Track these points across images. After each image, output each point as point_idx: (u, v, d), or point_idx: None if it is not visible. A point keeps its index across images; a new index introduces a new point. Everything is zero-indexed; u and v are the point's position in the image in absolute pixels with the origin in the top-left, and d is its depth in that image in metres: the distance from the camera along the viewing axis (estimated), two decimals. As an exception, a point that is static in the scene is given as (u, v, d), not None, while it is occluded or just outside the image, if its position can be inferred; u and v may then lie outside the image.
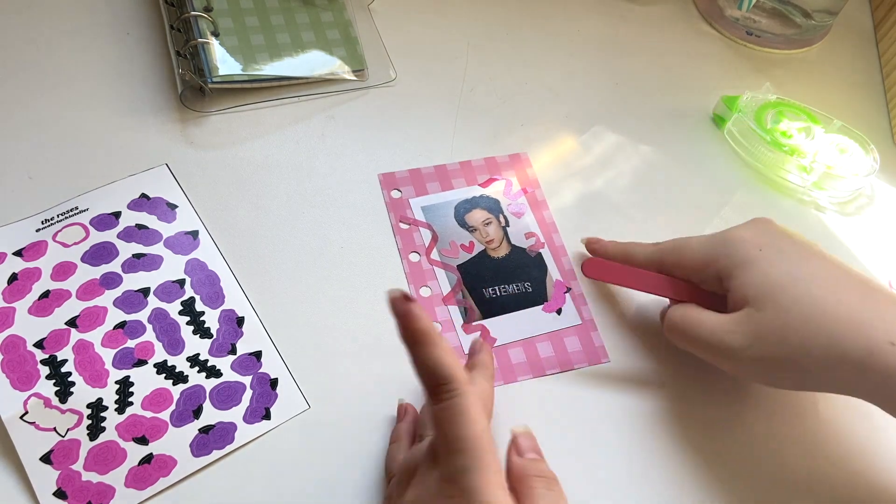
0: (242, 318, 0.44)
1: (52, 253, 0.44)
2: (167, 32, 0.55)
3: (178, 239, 0.46)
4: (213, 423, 0.41)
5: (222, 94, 0.54)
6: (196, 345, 0.43)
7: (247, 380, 0.42)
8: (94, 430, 0.39)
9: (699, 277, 0.43)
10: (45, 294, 0.42)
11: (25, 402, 0.39)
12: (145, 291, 0.43)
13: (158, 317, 0.43)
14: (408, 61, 0.59)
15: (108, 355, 0.41)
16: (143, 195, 0.47)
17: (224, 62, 0.53)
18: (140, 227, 0.45)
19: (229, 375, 0.42)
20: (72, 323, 0.41)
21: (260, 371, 0.43)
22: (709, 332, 0.40)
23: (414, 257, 0.49)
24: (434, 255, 0.49)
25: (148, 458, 0.39)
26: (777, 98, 0.60)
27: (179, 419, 0.40)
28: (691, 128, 0.61)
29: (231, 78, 0.53)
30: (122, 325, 0.42)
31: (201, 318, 0.43)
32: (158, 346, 0.42)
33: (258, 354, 0.43)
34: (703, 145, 0.59)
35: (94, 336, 0.41)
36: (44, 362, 0.40)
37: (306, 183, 0.52)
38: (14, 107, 0.51)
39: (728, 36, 0.68)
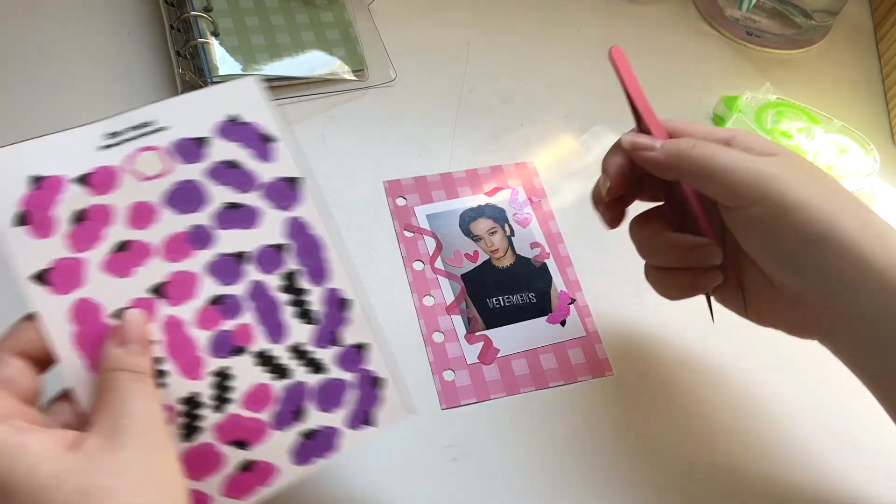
0: (346, 300, 0.36)
1: (127, 186, 0.33)
2: (167, 32, 0.55)
3: (276, 188, 0.36)
4: (316, 427, 0.35)
5: (222, 94, 0.54)
6: (299, 331, 0.35)
7: (351, 378, 0.36)
8: (189, 429, 0.33)
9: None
10: (122, 246, 0.33)
11: None
12: (241, 257, 0.35)
13: (257, 292, 0.35)
14: (408, 61, 0.59)
15: (203, 339, 0.34)
16: (233, 118, 0.36)
17: (224, 62, 0.53)
18: (231, 164, 0.35)
19: (333, 371, 0.36)
20: (158, 291, 0.33)
21: (363, 368, 0.36)
22: (737, 155, 0.36)
23: (418, 266, 0.49)
24: (438, 263, 0.49)
25: (248, 465, 0.34)
26: (777, 98, 0.60)
27: (281, 421, 0.35)
28: (691, 128, 0.61)
29: (231, 78, 0.53)
30: (217, 299, 0.34)
31: (304, 298, 0.36)
32: (259, 330, 0.35)
33: (362, 347, 0.36)
34: (703, 145, 0.59)
35: (187, 312, 0.33)
36: None
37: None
38: (13, 107, 0.51)
39: (728, 36, 0.68)
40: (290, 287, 0.35)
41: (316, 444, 0.35)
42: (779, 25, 0.67)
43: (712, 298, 0.41)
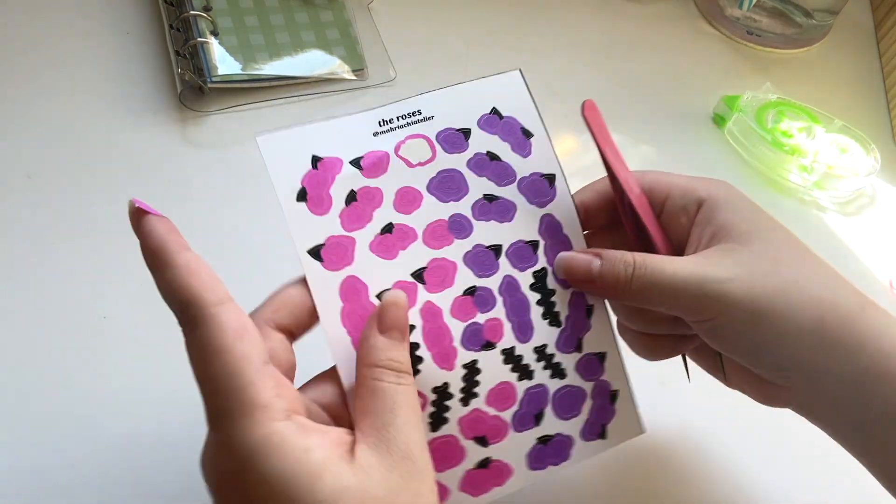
0: (591, 306, 0.36)
1: (395, 171, 0.34)
2: (166, 32, 0.55)
3: (533, 183, 0.36)
4: (552, 433, 0.35)
5: (222, 93, 0.54)
6: (544, 333, 0.35)
7: (588, 387, 0.36)
8: (437, 419, 0.33)
9: (668, 203, 0.37)
10: (388, 228, 0.34)
11: None
12: (497, 251, 0.35)
13: (510, 288, 0.35)
14: (408, 61, 0.59)
15: (457, 329, 0.34)
16: (495, 111, 0.37)
17: (223, 62, 0.53)
18: (492, 156, 0.36)
19: (573, 378, 0.36)
20: (419, 276, 0.34)
21: (601, 378, 0.36)
22: (682, 270, 0.32)
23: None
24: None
25: (485, 462, 0.34)
26: (778, 98, 0.60)
27: (521, 423, 0.35)
28: (692, 127, 0.61)
29: (230, 78, 0.53)
30: (471, 290, 0.34)
31: (552, 299, 0.35)
32: (508, 327, 0.35)
33: (602, 357, 0.36)
34: (704, 145, 0.59)
35: (444, 300, 0.34)
36: None
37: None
38: (13, 105, 0.51)
39: (729, 35, 0.68)
40: (541, 286, 0.35)
41: (550, 451, 0.35)
42: (779, 25, 0.66)
43: (687, 357, 0.39)
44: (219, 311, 0.26)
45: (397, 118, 0.36)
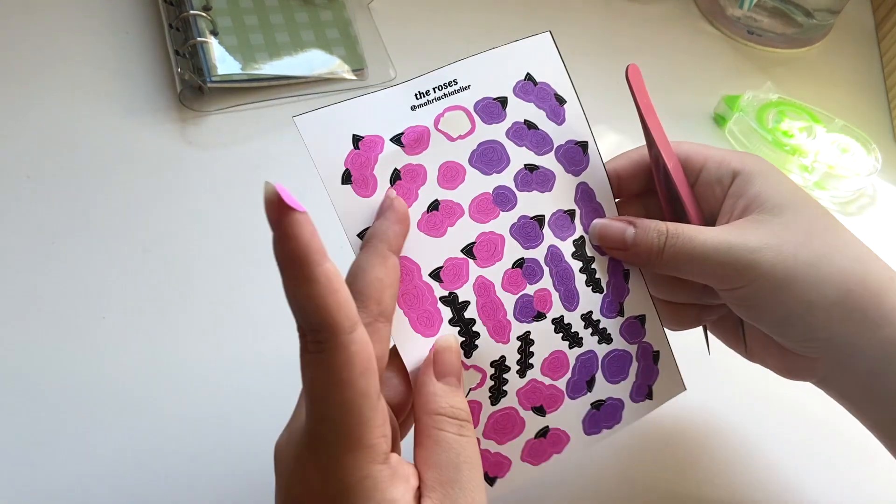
0: (628, 270, 0.37)
1: (436, 146, 0.34)
2: (166, 31, 0.55)
3: (568, 151, 0.36)
4: (604, 398, 0.36)
5: (221, 93, 0.54)
6: (589, 300, 0.35)
7: (633, 349, 0.37)
8: (497, 393, 0.34)
9: (703, 173, 0.37)
10: (435, 205, 0.33)
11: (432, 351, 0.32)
12: (540, 221, 0.35)
13: (555, 258, 0.35)
14: (408, 60, 0.59)
15: (509, 302, 0.34)
16: (530, 77, 0.36)
17: (223, 61, 0.53)
18: (529, 125, 0.36)
19: (618, 342, 0.36)
20: (469, 252, 0.34)
21: (644, 340, 0.37)
22: (713, 238, 0.33)
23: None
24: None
25: (544, 431, 0.35)
26: (778, 97, 0.59)
27: (574, 390, 0.35)
28: (692, 127, 0.60)
29: (230, 77, 0.53)
30: (520, 262, 0.34)
31: (592, 266, 0.36)
32: (555, 296, 0.35)
33: (643, 319, 0.37)
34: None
35: (494, 274, 0.34)
36: (444, 301, 0.33)
37: (306, 183, 0.51)
38: (12, 105, 0.51)
39: (729, 35, 0.67)
40: (581, 254, 0.36)
41: (603, 415, 0.36)
42: (780, 24, 0.66)
43: (708, 330, 0.40)
44: (351, 340, 0.25)
45: (433, 89, 0.35)
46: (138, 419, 0.41)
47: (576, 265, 0.35)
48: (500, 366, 0.34)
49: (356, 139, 0.33)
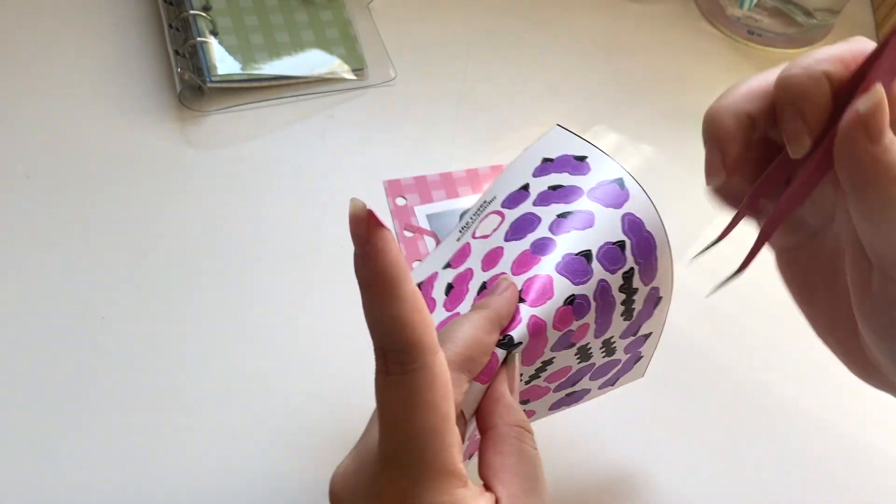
0: (660, 299, 0.36)
1: (476, 248, 0.37)
2: (166, 31, 0.55)
3: (602, 190, 0.36)
4: (578, 389, 0.38)
5: (221, 93, 0.54)
6: (616, 326, 0.35)
7: (624, 358, 0.38)
8: None
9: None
10: (483, 286, 0.35)
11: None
12: (587, 256, 0.34)
13: (603, 293, 0.34)
14: (408, 60, 0.59)
15: (553, 338, 0.33)
16: (546, 160, 0.38)
17: (223, 61, 0.53)
18: (553, 188, 0.36)
19: (618, 354, 0.37)
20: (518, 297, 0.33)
21: (638, 351, 0.38)
22: None
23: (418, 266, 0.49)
24: (440, 262, 0.49)
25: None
26: (778, 97, 0.59)
27: (559, 388, 0.37)
28: (692, 127, 0.60)
29: (230, 77, 0.53)
30: (570, 300, 0.33)
31: (633, 297, 0.35)
32: (591, 329, 0.34)
33: (647, 336, 0.38)
34: (705, 145, 0.59)
35: (547, 313, 0.33)
36: (501, 345, 0.32)
37: (306, 183, 0.52)
38: (11, 105, 0.51)
39: (729, 35, 0.67)
40: (627, 286, 0.35)
41: (569, 400, 0.39)
42: (780, 24, 0.66)
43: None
44: (434, 362, 0.25)
45: (471, 218, 0.38)
46: (138, 419, 0.41)
47: (619, 297, 0.34)
48: None
49: (418, 285, 0.37)
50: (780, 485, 0.45)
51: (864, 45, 0.27)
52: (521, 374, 0.33)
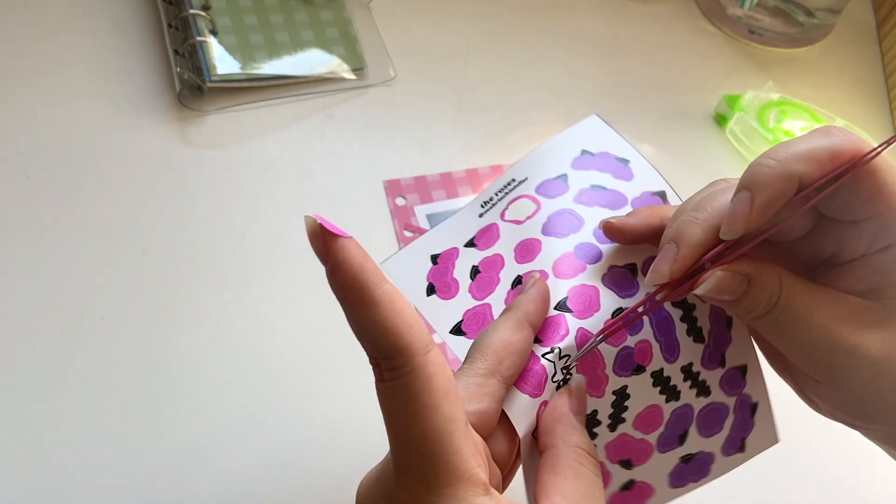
0: (731, 318, 0.34)
1: (507, 234, 0.35)
2: (165, 31, 0.55)
3: (647, 201, 0.35)
4: (694, 451, 0.34)
5: (221, 93, 0.54)
6: (689, 350, 0.33)
7: (731, 402, 0.35)
8: None
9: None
10: (518, 280, 0.33)
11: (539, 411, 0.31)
12: (632, 269, 0.33)
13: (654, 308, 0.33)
14: (408, 60, 0.59)
15: (609, 355, 0.31)
16: (585, 152, 0.37)
17: (222, 61, 0.53)
18: (596, 188, 0.35)
19: (717, 395, 0.34)
20: (563, 307, 0.32)
21: (743, 392, 0.35)
22: (824, 327, 0.28)
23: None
24: (440, 262, 0.49)
25: (629, 485, 0.34)
26: (780, 97, 0.59)
27: (665, 444, 0.34)
28: (693, 127, 0.60)
29: (229, 77, 0.53)
30: (618, 313, 0.32)
31: (693, 314, 0.33)
32: (656, 347, 0.33)
33: (744, 370, 0.34)
34: (705, 145, 0.59)
35: (595, 325, 0.32)
36: (546, 357, 0.31)
37: (306, 182, 0.51)
38: (10, 105, 0.51)
39: (730, 34, 0.67)
40: (681, 302, 0.33)
41: (692, 468, 0.35)
42: (781, 24, 0.66)
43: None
44: (426, 362, 0.24)
45: (495, 195, 0.37)
46: (138, 419, 0.41)
47: (675, 314, 0.33)
48: (591, 419, 0.32)
49: (434, 258, 0.36)
50: None
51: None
52: (598, 412, 0.31)
